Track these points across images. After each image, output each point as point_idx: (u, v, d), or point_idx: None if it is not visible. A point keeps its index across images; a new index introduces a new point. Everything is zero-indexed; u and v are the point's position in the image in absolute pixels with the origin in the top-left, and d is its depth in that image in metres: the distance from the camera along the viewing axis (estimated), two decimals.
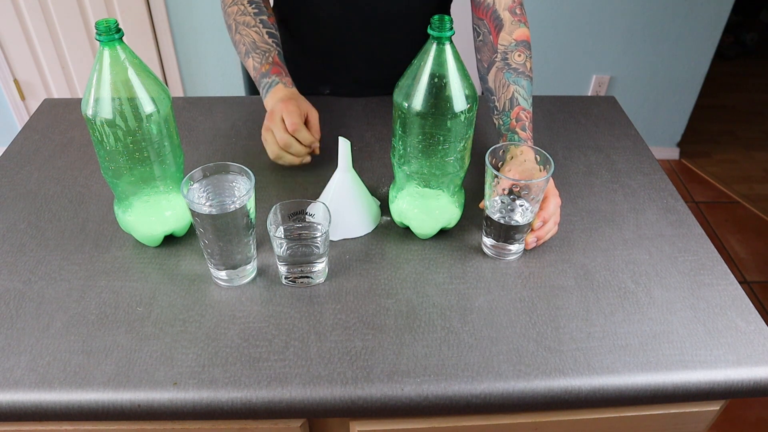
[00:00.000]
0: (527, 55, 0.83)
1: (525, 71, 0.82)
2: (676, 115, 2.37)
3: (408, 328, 0.65)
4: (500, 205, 0.71)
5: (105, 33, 0.59)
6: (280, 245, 0.66)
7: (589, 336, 0.65)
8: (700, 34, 2.14)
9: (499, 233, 0.72)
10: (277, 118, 0.80)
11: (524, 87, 0.82)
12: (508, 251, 0.73)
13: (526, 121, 0.80)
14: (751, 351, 0.64)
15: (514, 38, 0.82)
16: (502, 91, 0.82)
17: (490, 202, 0.71)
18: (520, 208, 0.71)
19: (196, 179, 0.67)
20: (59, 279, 0.70)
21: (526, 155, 0.73)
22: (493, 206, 0.71)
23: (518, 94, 0.81)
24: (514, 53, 0.82)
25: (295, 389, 0.59)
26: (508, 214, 0.71)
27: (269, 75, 0.86)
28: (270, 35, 0.89)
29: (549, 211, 0.73)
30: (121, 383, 0.59)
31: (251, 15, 0.89)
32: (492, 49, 0.84)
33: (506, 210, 0.71)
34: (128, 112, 0.62)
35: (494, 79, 0.83)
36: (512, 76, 0.81)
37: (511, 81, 0.81)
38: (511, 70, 0.82)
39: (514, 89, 0.81)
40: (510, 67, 0.82)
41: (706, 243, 0.77)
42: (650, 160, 0.92)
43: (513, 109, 0.81)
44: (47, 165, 0.88)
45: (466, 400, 0.60)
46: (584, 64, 2.21)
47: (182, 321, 0.65)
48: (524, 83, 0.82)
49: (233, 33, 0.91)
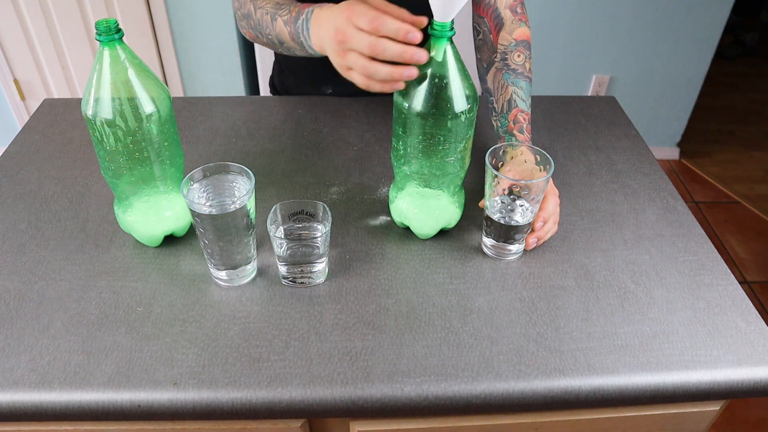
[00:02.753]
0: (527, 55, 0.83)
1: (524, 72, 0.82)
2: (676, 115, 2.37)
3: (408, 328, 0.65)
4: (500, 206, 0.71)
5: (105, 33, 0.59)
6: (280, 245, 0.66)
7: (589, 336, 0.65)
8: (700, 34, 2.14)
9: (499, 233, 0.72)
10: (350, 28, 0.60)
11: (523, 88, 0.81)
12: (508, 251, 0.73)
13: (524, 123, 0.80)
14: (751, 351, 0.64)
15: (514, 38, 0.82)
16: (500, 92, 0.82)
17: (490, 203, 0.71)
18: (520, 209, 0.71)
19: (196, 179, 0.67)
20: (59, 279, 0.70)
21: (525, 155, 0.73)
22: (493, 206, 0.71)
23: (516, 95, 0.81)
24: (514, 53, 0.82)
25: (295, 389, 0.59)
26: (508, 215, 0.71)
27: (302, 13, 0.71)
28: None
29: (549, 211, 0.73)
30: (121, 383, 0.59)
31: None
32: (492, 49, 0.84)
33: (506, 210, 0.71)
34: (128, 112, 0.62)
35: (493, 80, 0.83)
36: (511, 77, 0.81)
37: (509, 82, 0.81)
38: (510, 71, 0.81)
39: (512, 90, 0.81)
40: (509, 68, 0.82)
41: (706, 243, 0.77)
42: (650, 160, 0.92)
43: (511, 110, 0.80)
44: (47, 165, 0.88)
45: (466, 400, 0.60)
46: (584, 64, 2.21)
47: (182, 321, 0.65)
48: (523, 84, 0.82)
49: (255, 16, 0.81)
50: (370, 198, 0.82)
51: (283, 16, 0.74)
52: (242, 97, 1.05)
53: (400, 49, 0.59)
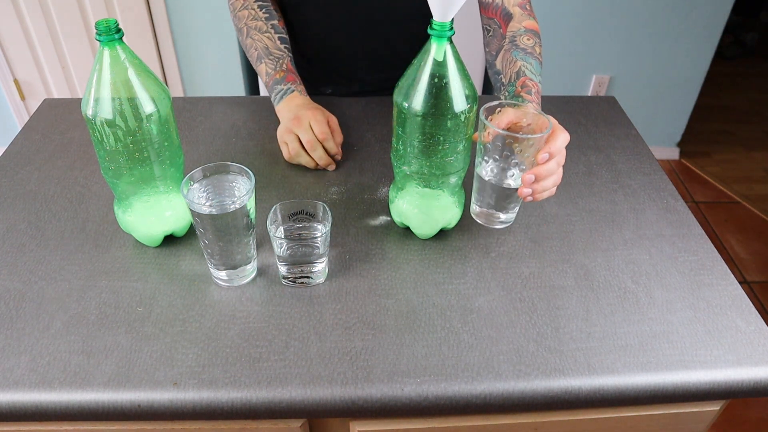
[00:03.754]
0: (536, 41, 0.81)
1: (533, 53, 0.80)
2: (676, 115, 2.37)
3: (408, 328, 0.65)
4: (493, 165, 0.68)
5: (105, 33, 0.59)
6: (280, 245, 0.66)
7: (589, 336, 0.65)
8: (700, 34, 2.14)
9: (490, 198, 0.69)
10: (305, 123, 0.84)
11: (532, 64, 0.79)
12: (496, 218, 0.71)
13: (533, 88, 0.76)
14: (751, 351, 0.64)
15: (524, 26, 0.81)
16: (508, 67, 0.79)
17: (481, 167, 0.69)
18: (515, 170, 0.68)
19: (196, 179, 0.67)
20: (59, 279, 0.70)
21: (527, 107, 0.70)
22: (485, 168, 0.69)
23: (525, 68, 0.78)
24: (523, 37, 0.81)
25: (295, 389, 0.59)
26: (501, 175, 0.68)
27: (284, 82, 0.88)
28: (282, 41, 0.89)
29: (557, 146, 0.66)
30: (121, 383, 0.59)
31: (263, 20, 0.89)
32: (501, 38, 0.82)
33: (499, 170, 0.68)
34: (128, 112, 0.62)
35: (502, 60, 0.81)
36: (520, 54, 0.79)
37: (518, 58, 0.79)
38: (519, 49, 0.80)
39: (521, 64, 0.79)
40: (518, 47, 0.80)
41: (706, 243, 0.77)
42: (650, 160, 0.92)
43: (519, 79, 0.77)
44: (47, 165, 0.88)
45: (466, 400, 0.60)
46: (584, 64, 2.21)
47: (182, 321, 0.65)
48: (532, 61, 0.79)
49: (244, 37, 0.91)
50: (370, 198, 0.82)
51: (269, 66, 0.89)
52: (242, 97, 1.05)
53: (324, 161, 0.85)
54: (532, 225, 0.79)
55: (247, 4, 0.90)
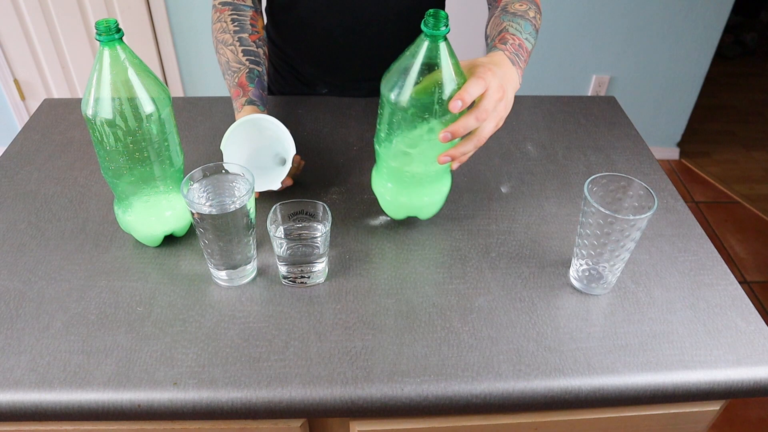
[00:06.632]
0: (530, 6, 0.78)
1: (525, 16, 0.76)
2: (676, 115, 2.37)
3: (408, 328, 0.65)
4: None
5: (105, 33, 0.59)
6: (280, 245, 0.66)
7: (589, 336, 0.65)
8: (700, 34, 2.14)
9: None
10: None
11: (520, 24, 0.74)
12: None
13: (510, 40, 0.71)
14: (751, 351, 0.64)
15: None
16: (494, 30, 0.76)
17: None
18: None
19: (196, 179, 0.67)
20: (59, 279, 0.70)
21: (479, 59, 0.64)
22: None
23: (510, 26, 0.74)
24: (515, 3, 0.78)
25: (295, 389, 0.59)
26: None
27: (234, 98, 0.85)
28: (246, 53, 0.86)
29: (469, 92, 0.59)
30: (121, 383, 0.59)
31: (230, 33, 0.87)
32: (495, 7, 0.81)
33: None
34: (128, 112, 0.62)
35: (490, 27, 0.79)
36: (508, 17, 0.76)
37: (506, 20, 0.76)
38: (508, 14, 0.77)
39: (506, 24, 0.75)
40: (507, 12, 0.77)
41: (706, 243, 0.77)
42: (650, 160, 0.92)
43: (499, 35, 0.74)
44: (47, 165, 0.88)
45: (466, 400, 0.60)
46: (584, 64, 2.21)
47: (182, 321, 0.65)
48: (521, 22, 0.75)
49: (216, 50, 0.89)
50: (370, 198, 0.82)
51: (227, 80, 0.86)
52: None
53: None
54: (532, 225, 0.79)
55: (222, 17, 0.89)
